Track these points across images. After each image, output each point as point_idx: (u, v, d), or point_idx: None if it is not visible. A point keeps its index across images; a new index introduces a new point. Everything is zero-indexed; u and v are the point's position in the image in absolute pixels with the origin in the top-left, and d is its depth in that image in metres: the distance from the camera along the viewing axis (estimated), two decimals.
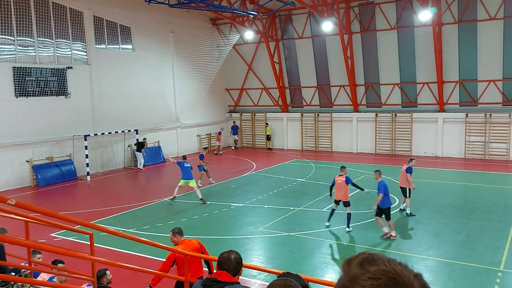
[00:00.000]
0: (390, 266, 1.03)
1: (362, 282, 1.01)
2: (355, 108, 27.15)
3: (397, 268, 1.02)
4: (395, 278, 1.00)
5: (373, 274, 1.01)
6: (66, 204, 17.00)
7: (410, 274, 1.03)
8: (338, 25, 24.30)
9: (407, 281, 1.00)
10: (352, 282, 1.03)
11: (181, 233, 7.58)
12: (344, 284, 1.05)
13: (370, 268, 1.03)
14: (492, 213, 13.99)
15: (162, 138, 26.95)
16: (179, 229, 7.62)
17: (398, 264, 1.05)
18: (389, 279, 1.00)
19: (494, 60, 22.76)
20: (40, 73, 20.71)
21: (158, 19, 25.77)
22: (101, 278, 7.15)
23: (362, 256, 1.09)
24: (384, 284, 0.99)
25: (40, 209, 4.66)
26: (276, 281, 2.57)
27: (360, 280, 1.01)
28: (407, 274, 1.02)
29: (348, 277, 1.05)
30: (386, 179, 19.16)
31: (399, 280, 1.00)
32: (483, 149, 23.84)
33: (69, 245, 11.63)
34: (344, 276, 1.07)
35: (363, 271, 1.03)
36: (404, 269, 1.03)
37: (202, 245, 7.44)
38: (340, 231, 12.78)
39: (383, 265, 1.03)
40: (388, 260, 1.06)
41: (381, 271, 1.02)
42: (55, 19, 21.20)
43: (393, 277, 1.00)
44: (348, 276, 1.05)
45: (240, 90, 31.77)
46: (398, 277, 1.00)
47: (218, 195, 17.61)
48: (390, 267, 1.02)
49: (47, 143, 21.08)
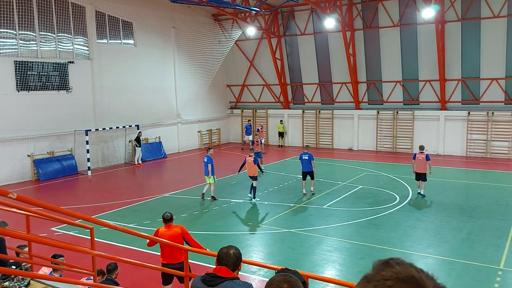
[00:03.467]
0: (414, 270, 1.10)
1: (384, 274, 1.09)
2: (356, 105, 27.11)
3: (422, 274, 1.09)
4: (415, 278, 1.06)
5: (397, 270, 1.09)
6: (67, 199, 17.02)
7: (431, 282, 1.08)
8: (341, 21, 24.23)
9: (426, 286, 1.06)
10: (376, 274, 1.11)
11: (167, 220, 7.93)
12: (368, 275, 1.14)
13: (396, 266, 1.11)
14: (494, 211, 13.97)
15: (163, 133, 26.94)
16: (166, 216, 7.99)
17: (423, 272, 1.11)
18: (410, 277, 1.07)
19: (497, 58, 22.68)
20: (41, 67, 20.70)
21: (160, 14, 25.72)
22: (113, 272, 7.18)
23: (392, 257, 1.18)
24: (404, 280, 1.06)
25: (41, 203, 4.66)
26: (276, 277, 2.57)
27: (383, 272, 1.10)
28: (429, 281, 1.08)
29: (372, 270, 1.14)
30: (387, 177, 19.26)
31: (419, 280, 1.06)
32: (485, 148, 23.80)
33: (70, 239, 11.66)
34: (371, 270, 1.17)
35: (388, 267, 1.11)
36: (428, 277, 1.10)
37: (184, 231, 7.87)
38: (340, 228, 12.78)
39: (408, 267, 1.11)
40: (415, 266, 1.13)
41: (405, 270, 1.09)
42: (57, 13, 21.17)
43: (414, 277, 1.07)
44: (373, 270, 1.15)
45: (241, 87, 31.73)
46: (419, 278, 1.07)
47: (218, 191, 17.60)
48: (414, 270, 1.10)
49: (49, 138, 21.09)
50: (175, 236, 7.71)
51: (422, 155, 15.61)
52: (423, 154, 15.62)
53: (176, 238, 7.66)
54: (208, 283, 3.62)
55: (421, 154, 15.68)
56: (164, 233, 7.77)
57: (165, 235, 7.71)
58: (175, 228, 7.88)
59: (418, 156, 15.73)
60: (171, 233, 7.76)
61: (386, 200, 15.44)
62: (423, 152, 15.71)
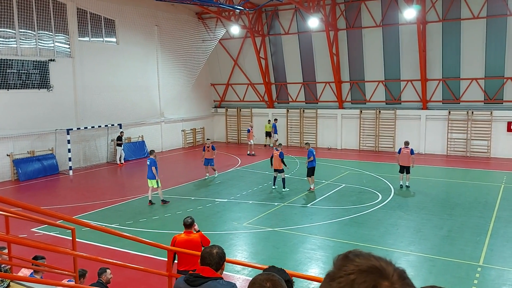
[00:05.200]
0: (374, 259, 1.11)
1: (346, 268, 1.09)
2: (340, 104, 27.31)
3: (381, 261, 1.10)
4: (377, 267, 1.08)
5: (357, 263, 1.09)
6: (48, 199, 16.77)
7: (391, 267, 1.10)
8: (324, 21, 24.37)
9: (387, 272, 1.07)
10: (338, 270, 1.11)
11: (187, 226, 7.66)
12: (331, 272, 1.13)
13: (356, 258, 1.11)
14: (473, 209, 14.24)
15: (146, 132, 26.71)
16: (186, 221, 7.69)
17: (383, 259, 1.12)
18: (372, 267, 1.08)
19: (477, 58, 23.11)
20: (21, 65, 20.32)
21: (143, 12, 25.48)
22: (101, 275, 7.13)
23: (350, 250, 1.18)
24: (366, 271, 1.06)
25: (21, 203, 4.58)
26: (259, 276, 2.58)
27: (344, 267, 1.10)
28: (389, 267, 1.09)
29: (335, 267, 1.14)
30: (369, 175, 19.46)
31: (381, 269, 1.07)
32: (464, 146, 24.22)
33: (51, 240, 11.48)
34: (332, 267, 1.16)
35: (348, 261, 1.11)
36: (388, 263, 1.11)
37: (204, 238, 7.59)
38: (324, 227, 12.87)
39: (368, 258, 1.11)
40: (374, 255, 1.13)
41: (365, 261, 1.10)
42: (37, 10, 20.79)
43: (375, 266, 1.08)
44: (335, 266, 1.14)
45: (225, 85, 31.67)
46: (380, 267, 1.08)
47: (202, 191, 17.57)
48: (374, 260, 1.10)
49: (29, 137, 20.72)
50: (193, 243, 7.42)
51: (407, 150, 16.87)
52: (407, 149, 16.88)
53: (194, 246, 7.34)
54: (191, 283, 3.60)
55: (406, 149, 16.91)
56: (182, 240, 7.48)
57: (183, 242, 7.44)
58: (195, 235, 7.57)
59: (403, 151, 16.97)
60: (190, 240, 7.47)
61: (368, 199, 15.60)
62: (408, 147, 16.95)
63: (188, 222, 7.64)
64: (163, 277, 7.60)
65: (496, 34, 22.37)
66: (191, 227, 7.66)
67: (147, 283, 9.28)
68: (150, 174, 15.14)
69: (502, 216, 13.35)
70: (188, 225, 7.63)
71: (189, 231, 7.62)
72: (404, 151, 16.91)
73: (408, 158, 16.79)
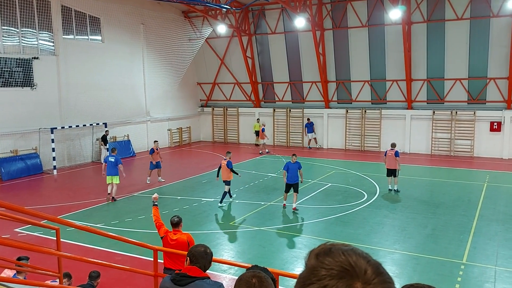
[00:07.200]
0: (344, 257, 1.04)
1: (317, 273, 1.03)
2: (326, 104, 27.44)
3: (351, 258, 1.03)
4: (347, 268, 1.01)
5: (327, 265, 1.03)
6: (32, 199, 16.52)
7: (364, 262, 1.03)
8: (311, 21, 24.47)
9: (359, 271, 1.01)
10: (309, 274, 1.05)
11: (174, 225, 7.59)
12: (303, 275, 1.07)
13: (325, 259, 1.05)
14: (457, 208, 14.45)
15: (132, 131, 26.49)
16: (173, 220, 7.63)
17: (354, 254, 1.05)
18: (342, 269, 1.01)
19: (460, 59, 23.44)
20: (4, 63, 19.98)
21: (129, 10, 25.25)
22: (96, 279, 7.05)
23: (320, 247, 1.11)
24: (337, 275, 1.00)
25: (4, 203, 4.51)
26: (246, 273, 2.62)
27: (315, 271, 1.03)
28: (361, 263, 1.03)
29: (306, 269, 1.08)
30: (355, 175, 19.60)
31: (351, 270, 1.01)
32: (448, 146, 24.56)
33: (35, 240, 11.32)
34: (304, 268, 1.10)
35: (318, 263, 1.05)
36: (359, 258, 1.04)
37: (191, 240, 7.48)
38: (310, 226, 12.93)
39: (338, 256, 1.04)
40: (344, 250, 1.07)
41: (335, 262, 1.03)
42: (20, 7, 20.45)
43: (346, 267, 1.01)
44: (306, 268, 1.08)
45: (212, 85, 31.58)
46: (351, 267, 1.01)
47: (189, 190, 17.50)
48: (344, 258, 1.03)
49: (12, 136, 20.38)
50: (180, 243, 7.37)
51: (392, 152, 16.38)
52: (392, 151, 16.38)
53: (181, 246, 7.29)
54: (178, 282, 3.60)
55: (391, 151, 16.44)
56: (171, 239, 7.48)
57: (171, 241, 7.43)
58: (183, 236, 7.51)
59: (388, 153, 16.52)
60: (177, 240, 7.45)
61: (354, 198, 15.72)
62: (393, 149, 16.46)
63: (175, 221, 7.58)
64: (149, 277, 7.56)
65: (480, 35, 22.72)
66: (178, 226, 7.61)
67: (133, 283, 9.22)
68: (113, 171, 15.42)
69: (485, 215, 13.57)
70: (175, 224, 7.57)
71: (177, 230, 7.57)
72: (389, 153, 16.47)
73: (393, 160, 16.28)
